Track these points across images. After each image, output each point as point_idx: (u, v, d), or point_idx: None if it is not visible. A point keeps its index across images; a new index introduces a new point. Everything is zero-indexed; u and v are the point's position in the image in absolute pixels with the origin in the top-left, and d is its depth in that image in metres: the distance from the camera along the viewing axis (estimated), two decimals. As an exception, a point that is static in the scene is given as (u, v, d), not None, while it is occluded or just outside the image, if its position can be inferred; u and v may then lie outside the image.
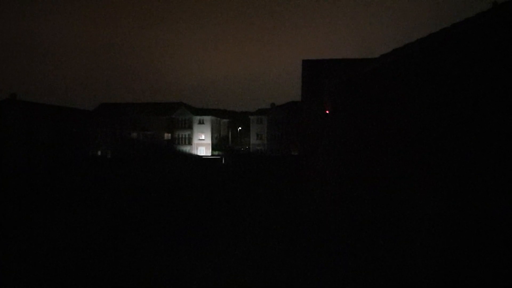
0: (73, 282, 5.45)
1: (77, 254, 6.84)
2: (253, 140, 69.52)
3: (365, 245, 6.97)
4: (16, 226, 9.33)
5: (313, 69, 30.53)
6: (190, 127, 67.65)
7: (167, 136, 67.32)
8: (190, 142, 67.36)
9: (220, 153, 63.31)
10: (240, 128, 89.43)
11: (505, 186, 6.47)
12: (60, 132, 51.14)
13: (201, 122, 67.68)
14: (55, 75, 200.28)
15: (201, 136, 67.52)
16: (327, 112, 19.32)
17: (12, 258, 6.60)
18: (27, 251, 7.02)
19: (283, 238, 7.77)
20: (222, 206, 11.88)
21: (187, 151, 65.34)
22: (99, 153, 56.87)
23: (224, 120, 77.41)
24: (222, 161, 45.31)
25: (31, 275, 5.77)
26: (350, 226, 8.70)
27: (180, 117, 67.59)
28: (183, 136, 67.63)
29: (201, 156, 61.07)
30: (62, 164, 35.84)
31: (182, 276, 5.67)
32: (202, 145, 67.43)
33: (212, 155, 63.02)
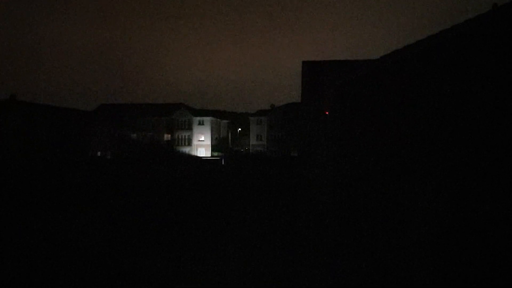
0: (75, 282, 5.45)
1: (80, 254, 6.85)
2: (252, 141, 69.54)
3: (364, 244, 6.97)
4: (15, 227, 9.35)
5: (313, 70, 30.56)
6: (190, 128, 67.70)
7: (167, 137, 67.39)
8: (190, 143, 67.41)
9: (220, 154, 63.35)
10: (239, 129, 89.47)
11: (504, 186, 6.47)
12: (60, 133, 51.11)
13: (200, 123, 67.75)
14: (55, 76, 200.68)
15: (201, 137, 67.57)
16: (327, 113, 19.37)
17: (11, 259, 6.61)
18: (26, 252, 7.04)
19: (282, 235, 7.81)
20: (222, 208, 11.88)
21: (187, 152, 65.39)
22: (99, 154, 56.85)
23: (224, 121, 77.47)
24: (222, 162, 45.33)
25: (31, 275, 5.78)
26: (349, 225, 8.71)
27: (179, 118, 67.66)
28: (183, 137, 67.68)
29: (201, 157, 61.09)
30: (61, 165, 35.80)
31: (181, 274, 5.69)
32: (202, 146, 67.49)
33: (211, 156, 63.05)
